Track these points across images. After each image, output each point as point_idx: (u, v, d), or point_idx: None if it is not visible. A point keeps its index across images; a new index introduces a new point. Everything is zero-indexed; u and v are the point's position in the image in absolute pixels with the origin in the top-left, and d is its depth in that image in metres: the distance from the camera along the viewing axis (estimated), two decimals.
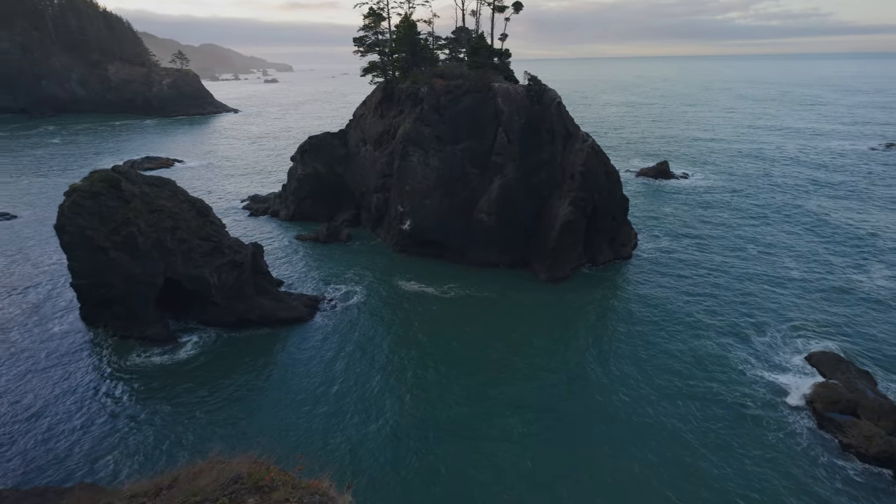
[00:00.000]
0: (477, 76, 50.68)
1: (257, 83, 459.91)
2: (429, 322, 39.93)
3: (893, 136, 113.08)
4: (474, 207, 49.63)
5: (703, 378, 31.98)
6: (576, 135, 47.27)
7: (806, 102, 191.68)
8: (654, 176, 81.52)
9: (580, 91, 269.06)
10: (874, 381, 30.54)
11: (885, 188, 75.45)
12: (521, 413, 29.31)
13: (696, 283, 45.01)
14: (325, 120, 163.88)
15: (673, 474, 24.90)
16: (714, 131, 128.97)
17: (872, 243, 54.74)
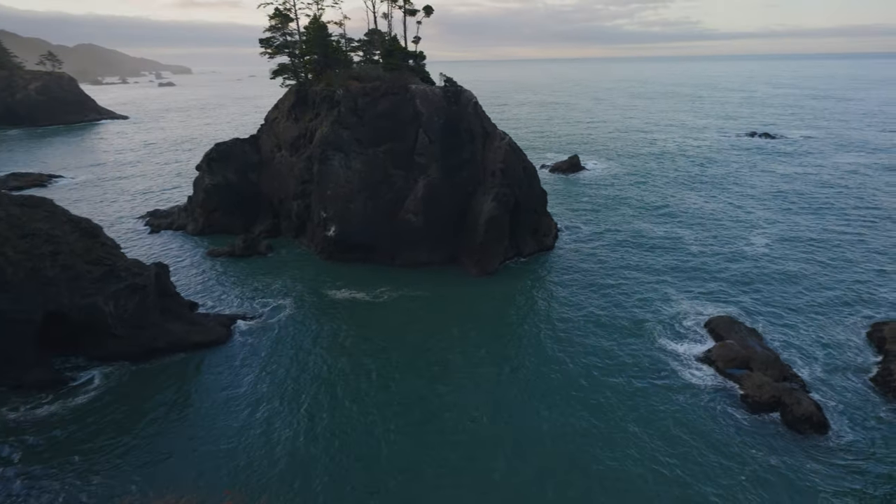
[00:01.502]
0: (394, 78, 50.96)
1: (150, 87, 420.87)
2: (361, 329, 38.99)
3: (754, 126, 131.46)
4: (400, 208, 49.88)
5: (622, 353, 34.91)
6: (493, 133, 49.34)
7: (686, 99, 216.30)
8: (567, 169, 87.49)
9: (494, 91, 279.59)
10: (761, 336, 35.48)
11: (750, 168, 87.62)
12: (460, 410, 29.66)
13: (611, 267, 48.97)
14: (234, 125, 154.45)
15: (606, 440, 27.18)
16: (615, 126, 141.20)
17: (753, 214, 63.45)
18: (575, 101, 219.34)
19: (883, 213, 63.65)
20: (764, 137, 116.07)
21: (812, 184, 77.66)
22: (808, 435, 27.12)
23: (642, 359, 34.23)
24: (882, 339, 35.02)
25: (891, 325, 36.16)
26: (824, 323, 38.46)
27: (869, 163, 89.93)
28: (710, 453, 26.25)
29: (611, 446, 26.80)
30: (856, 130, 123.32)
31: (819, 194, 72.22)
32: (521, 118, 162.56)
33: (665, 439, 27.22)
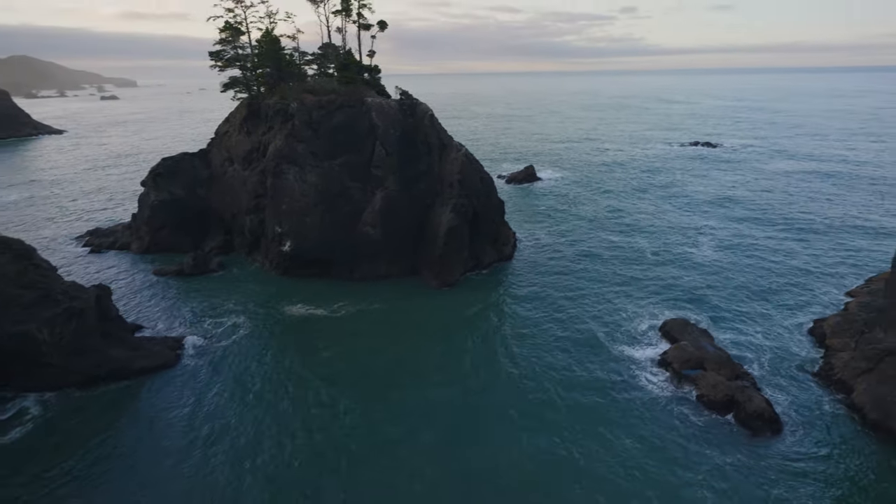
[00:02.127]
0: (349, 91, 50.33)
1: (91, 100, 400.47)
2: (316, 347, 37.64)
3: (697, 136, 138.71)
4: (358, 221, 48.90)
5: (581, 364, 34.81)
6: (450, 145, 49.42)
7: (634, 111, 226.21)
8: (523, 179, 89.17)
9: (449, 104, 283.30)
10: (712, 337, 36.68)
11: (696, 176, 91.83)
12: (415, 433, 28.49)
13: (569, 275, 49.56)
14: (182, 139, 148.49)
15: (566, 457, 27.01)
16: (568, 137, 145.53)
17: (700, 219, 66.27)
18: (528, 113, 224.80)
19: (816, 215, 67.96)
20: (706, 146, 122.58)
21: (752, 189, 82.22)
22: (760, 431, 27.97)
23: (601, 368, 34.36)
24: (822, 335, 36.96)
25: (829, 320, 38.26)
26: (770, 321, 40.24)
27: (800, 169, 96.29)
28: (669, 459, 26.46)
29: (570, 461, 26.53)
30: (787, 139, 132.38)
31: (759, 199, 76.43)
32: (477, 130, 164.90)
33: (625, 449, 27.26)
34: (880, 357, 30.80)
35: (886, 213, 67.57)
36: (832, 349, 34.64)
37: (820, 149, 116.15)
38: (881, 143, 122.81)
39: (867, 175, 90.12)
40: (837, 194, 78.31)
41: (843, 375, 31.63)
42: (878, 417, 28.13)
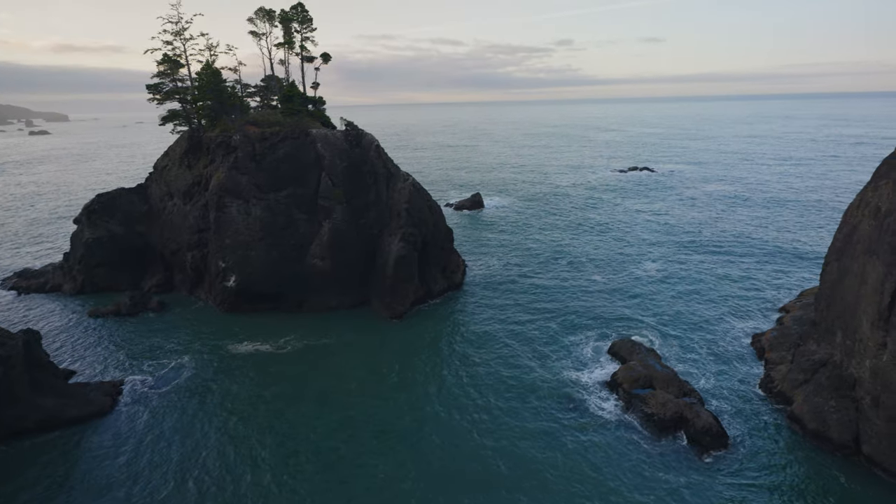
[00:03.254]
0: (293, 123, 49.15)
1: (19, 135, 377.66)
2: (261, 385, 35.86)
3: (634, 161, 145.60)
4: (306, 253, 47.05)
5: (532, 393, 33.95)
6: (397, 174, 48.83)
7: (574, 138, 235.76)
8: (470, 207, 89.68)
9: (395, 134, 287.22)
10: (659, 356, 36.92)
11: (636, 199, 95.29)
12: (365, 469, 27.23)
13: (518, 302, 49.07)
14: (118, 175, 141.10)
15: (524, 474, 25.92)
16: (513, 164, 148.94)
17: (643, 241, 68.04)
18: (473, 142, 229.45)
19: (747, 236, 71.41)
20: (644, 171, 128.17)
21: (687, 212, 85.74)
22: (709, 446, 27.87)
23: (553, 396, 33.60)
24: (762, 349, 38.01)
25: (766, 335, 39.48)
26: (712, 338, 41.11)
27: (729, 192, 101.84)
28: (624, 482, 25.82)
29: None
30: (716, 163, 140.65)
31: (694, 222, 79.76)
32: (423, 159, 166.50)
33: (580, 475, 26.51)
34: (815, 369, 31.79)
35: (810, 232, 72.04)
36: (771, 362, 35.56)
37: (745, 172, 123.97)
38: (801, 166, 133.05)
39: (788, 196, 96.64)
40: (765, 215, 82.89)
41: (783, 387, 32.37)
42: (817, 427, 28.70)
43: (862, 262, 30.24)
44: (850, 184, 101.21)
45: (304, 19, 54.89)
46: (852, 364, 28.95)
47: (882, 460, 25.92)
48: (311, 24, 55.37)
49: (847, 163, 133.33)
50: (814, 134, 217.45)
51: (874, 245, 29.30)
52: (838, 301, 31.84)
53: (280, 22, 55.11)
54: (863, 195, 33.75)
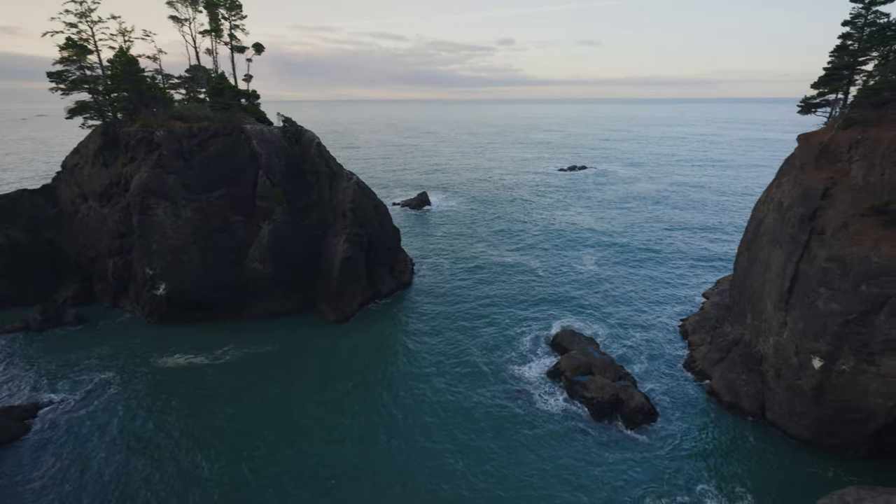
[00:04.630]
0: (225, 118, 48.38)
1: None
2: (197, 400, 35.26)
3: (575, 160, 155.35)
4: (245, 257, 46.81)
5: (480, 389, 36.63)
6: (340, 173, 49.62)
7: (517, 138, 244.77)
8: (416, 206, 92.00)
9: (337, 131, 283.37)
10: (597, 343, 41.04)
11: (575, 196, 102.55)
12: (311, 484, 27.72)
13: (465, 299, 52.09)
14: (18, 174, 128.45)
15: (478, 466, 28.64)
16: (457, 163, 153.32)
17: (581, 237, 73.50)
18: (418, 140, 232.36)
19: (674, 228, 79.36)
20: (582, 170, 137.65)
21: (622, 208, 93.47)
22: (641, 423, 32.11)
23: (502, 388, 36.61)
24: (685, 332, 43.29)
25: (690, 319, 44.96)
26: (645, 324, 46.17)
27: (659, 188, 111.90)
28: (568, 462, 29.37)
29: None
30: (646, 162, 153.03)
31: (628, 216, 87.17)
32: (367, 158, 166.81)
33: (529, 458, 29.79)
34: (729, 348, 37.03)
35: (727, 225, 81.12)
36: (693, 344, 40.77)
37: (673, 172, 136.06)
38: (719, 165, 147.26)
39: (709, 193, 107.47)
40: (689, 211, 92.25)
41: (703, 366, 37.43)
42: (731, 399, 33.76)
43: (767, 251, 35.61)
44: (760, 181, 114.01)
45: (233, 5, 53.69)
46: (759, 342, 34.22)
47: (782, 423, 31.19)
48: (241, 11, 54.30)
49: (757, 161, 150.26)
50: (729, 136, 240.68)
51: (777, 236, 34.66)
52: (748, 287, 37.22)
53: (205, 7, 53.53)
54: (768, 191, 39.45)
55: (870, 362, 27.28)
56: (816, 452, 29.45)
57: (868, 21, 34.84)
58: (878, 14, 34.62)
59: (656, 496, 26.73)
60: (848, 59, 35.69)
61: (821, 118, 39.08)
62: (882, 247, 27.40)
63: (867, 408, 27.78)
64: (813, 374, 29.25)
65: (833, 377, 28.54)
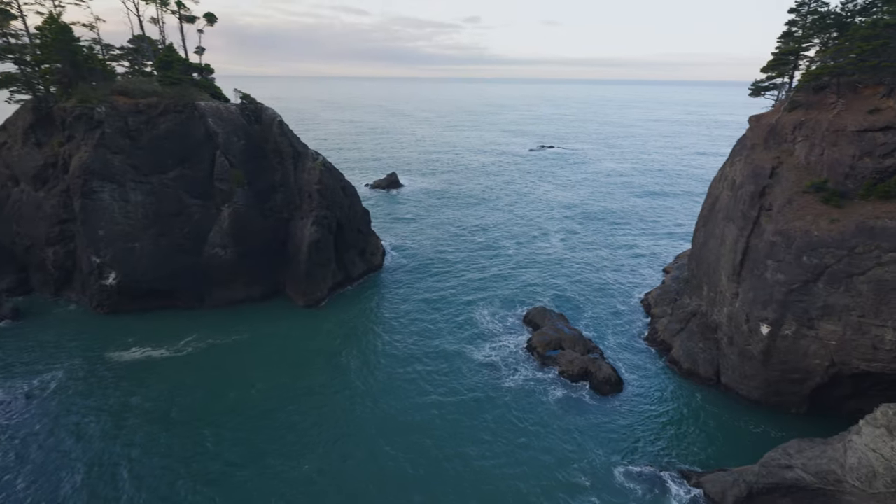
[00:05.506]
0: (175, 94, 47.29)
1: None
2: (154, 396, 34.65)
3: (543, 140, 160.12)
4: (204, 242, 46.61)
5: (457, 368, 39.11)
6: (305, 153, 49.88)
7: (486, 118, 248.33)
8: (386, 186, 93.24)
9: (299, 109, 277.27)
10: (567, 319, 44.31)
11: (543, 176, 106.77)
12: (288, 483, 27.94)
13: (438, 280, 54.33)
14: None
15: (458, 441, 31.23)
16: (427, 143, 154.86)
17: (549, 216, 77.10)
18: (386, 119, 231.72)
19: (637, 206, 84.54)
20: (550, 149, 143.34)
21: (588, 187, 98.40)
22: (609, 392, 35.60)
23: (478, 365, 39.21)
24: (648, 306, 47.32)
25: (652, 293, 49.08)
26: (611, 299, 50.03)
27: (623, 168, 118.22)
28: (545, 430, 32.39)
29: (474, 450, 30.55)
30: (610, 141, 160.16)
31: (594, 195, 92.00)
32: (334, 137, 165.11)
33: (508, 431, 32.63)
34: (687, 319, 41.12)
35: (688, 202, 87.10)
36: (655, 317, 44.81)
37: (635, 151, 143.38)
38: (684, 147, 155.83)
39: (670, 172, 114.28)
40: (651, 190, 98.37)
41: (664, 337, 41.43)
42: (690, 366, 37.83)
43: (722, 227, 39.61)
44: (716, 160, 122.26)
45: None
46: (714, 312, 38.35)
47: (735, 386, 35.45)
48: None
49: (714, 141, 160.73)
50: (690, 117, 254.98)
51: (731, 212, 38.62)
52: (704, 261, 41.29)
53: None
54: (723, 170, 43.51)
55: (809, 327, 31.57)
56: (765, 411, 33.85)
57: (811, 9, 38.93)
58: (820, 3, 38.77)
59: (621, 456, 30.16)
60: (793, 45, 39.79)
61: (770, 101, 43.39)
62: (821, 221, 31.52)
63: (806, 368, 32.19)
64: (761, 340, 33.42)
65: (778, 341, 32.77)
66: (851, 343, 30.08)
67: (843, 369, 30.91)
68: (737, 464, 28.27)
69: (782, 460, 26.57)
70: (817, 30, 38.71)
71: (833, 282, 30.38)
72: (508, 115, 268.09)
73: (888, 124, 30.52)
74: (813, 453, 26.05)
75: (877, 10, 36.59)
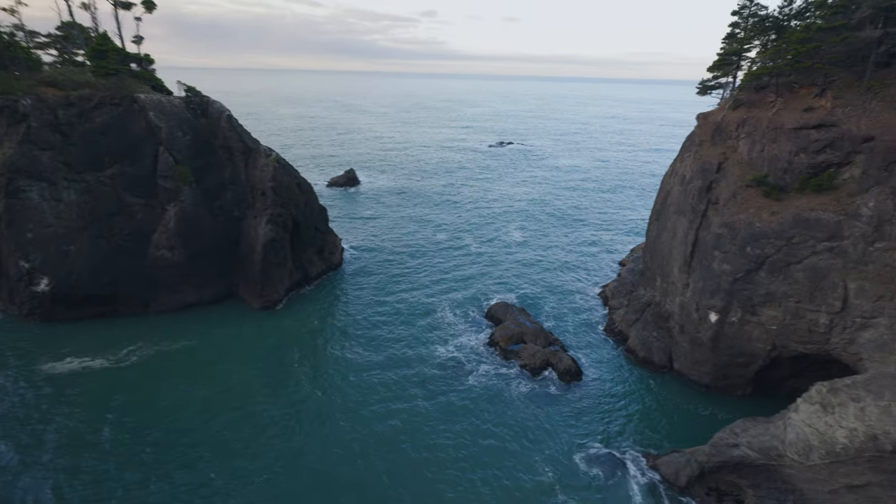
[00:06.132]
0: (111, 85, 45.56)
1: None
2: (92, 411, 32.97)
3: (502, 136, 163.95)
4: (149, 244, 45.29)
5: (420, 361, 40.18)
6: (257, 149, 49.22)
7: (446, 114, 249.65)
8: (344, 184, 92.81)
9: (250, 103, 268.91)
10: (528, 314, 46.13)
11: (502, 172, 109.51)
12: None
13: (399, 277, 55.05)
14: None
15: (421, 447, 32.18)
16: (385, 139, 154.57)
17: (509, 212, 79.25)
18: (342, 115, 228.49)
19: (595, 201, 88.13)
20: (509, 146, 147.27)
21: (548, 183, 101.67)
22: (570, 381, 37.53)
23: (441, 363, 40.11)
24: (606, 298, 49.88)
25: (609, 286, 51.75)
26: (570, 292, 52.41)
27: (584, 163, 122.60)
28: (505, 426, 33.97)
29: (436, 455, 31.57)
30: (569, 138, 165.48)
31: (552, 191, 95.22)
32: (287, 133, 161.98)
33: (472, 420, 34.00)
34: (643, 309, 43.79)
35: (642, 196, 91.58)
36: (613, 308, 47.39)
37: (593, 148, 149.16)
38: (637, 143, 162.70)
39: (625, 168, 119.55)
40: (608, 185, 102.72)
41: (621, 327, 43.97)
42: (645, 355, 40.43)
43: (673, 220, 42.40)
44: (668, 156, 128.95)
45: None
46: (667, 302, 41.10)
47: (687, 372, 38.25)
48: None
49: (666, 138, 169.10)
50: (644, 115, 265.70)
51: (681, 206, 41.41)
52: (658, 253, 44.05)
53: None
54: (673, 166, 46.43)
55: (753, 313, 34.56)
56: (714, 395, 36.77)
57: (751, 12, 42.19)
58: (759, 6, 42.08)
59: (582, 444, 32.13)
60: (736, 46, 42.98)
61: (716, 99, 46.64)
62: (762, 213, 34.50)
63: (751, 352, 35.24)
64: (710, 327, 36.26)
65: (725, 328, 35.68)
66: (790, 327, 33.24)
67: (783, 352, 34.11)
68: (689, 445, 30.71)
69: (730, 439, 29.17)
70: (757, 32, 41.98)
71: (773, 270, 33.42)
72: (468, 111, 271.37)
73: (821, 122, 33.77)
74: (757, 431, 28.75)
75: (810, 15, 40.14)
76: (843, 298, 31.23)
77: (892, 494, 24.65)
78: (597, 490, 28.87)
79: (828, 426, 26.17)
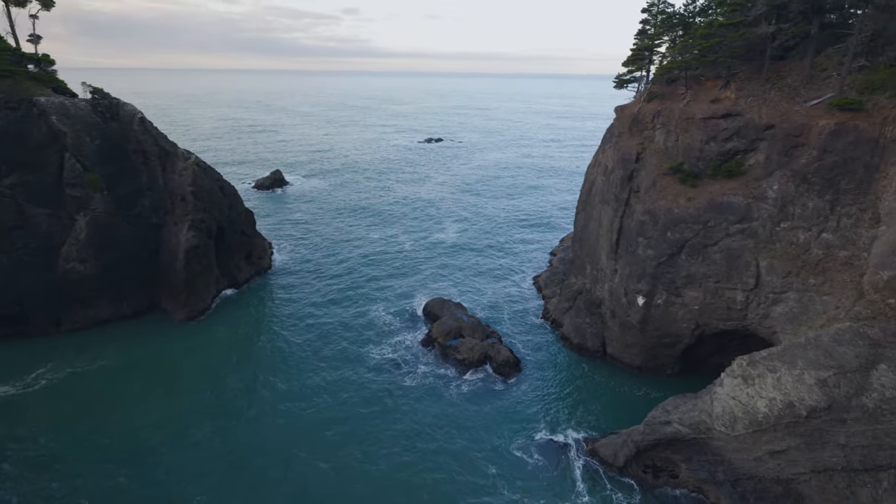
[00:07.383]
0: (6, 88, 39.75)
1: None
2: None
3: (430, 133, 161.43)
4: (57, 257, 39.86)
5: (357, 363, 37.76)
6: (174, 153, 44.66)
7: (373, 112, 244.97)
8: (270, 186, 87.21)
9: (166, 105, 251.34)
10: (465, 308, 44.47)
11: (432, 168, 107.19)
12: None
13: (330, 280, 51.79)
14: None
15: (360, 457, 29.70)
16: (311, 139, 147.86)
17: (442, 208, 77.40)
18: (264, 115, 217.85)
19: (524, 194, 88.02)
20: (438, 142, 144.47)
21: (478, 177, 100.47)
22: (509, 374, 36.27)
23: (378, 364, 37.79)
24: (539, 287, 49.11)
25: (542, 275, 51.09)
26: (505, 284, 51.26)
27: (511, 156, 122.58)
28: (445, 428, 32.09)
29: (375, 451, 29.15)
30: (495, 133, 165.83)
31: (483, 185, 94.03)
32: (206, 135, 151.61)
33: (413, 420, 31.89)
34: (575, 297, 43.21)
35: (568, 186, 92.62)
36: (547, 297, 46.65)
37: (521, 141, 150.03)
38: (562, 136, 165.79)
39: (551, 161, 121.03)
40: (536, 178, 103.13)
41: (555, 315, 43.20)
42: (579, 341, 39.78)
43: (599, 209, 42.04)
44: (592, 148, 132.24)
45: None
46: (597, 288, 40.66)
47: (618, 355, 37.88)
48: None
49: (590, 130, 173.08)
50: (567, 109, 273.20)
51: (605, 196, 41.07)
52: (586, 242, 43.63)
53: None
54: (596, 157, 46.22)
55: (676, 295, 34.50)
56: (645, 376, 36.53)
57: (659, 10, 42.58)
58: (666, 4, 42.55)
59: (523, 435, 30.78)
60: (647, 41, 43.27)
61: (632, 92, 46.87)
62: (680, 200, 34.49)
63: (676, 332, 35.19)
64: (638, 311, 35.94)
65: (652, 310, 35.45)
66: (711, 306, 33.35)
67: (706, 330, 34.23)
68: (627, 425, 30.02)
69: (662, 417, 28.64)
70: (666, 28, 42.43)
71: (693, 253, 33.41)
72: (394, 108, 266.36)
73: (727, 112, 34.11)
74: (686, 408, 28.37)
75: (712, 12, 40.90)
76: (755, 276, 31.56)
77: (810, 456, 24.76)
78: (540, 480, 27.55)
79: (749, 397, 26.02)
